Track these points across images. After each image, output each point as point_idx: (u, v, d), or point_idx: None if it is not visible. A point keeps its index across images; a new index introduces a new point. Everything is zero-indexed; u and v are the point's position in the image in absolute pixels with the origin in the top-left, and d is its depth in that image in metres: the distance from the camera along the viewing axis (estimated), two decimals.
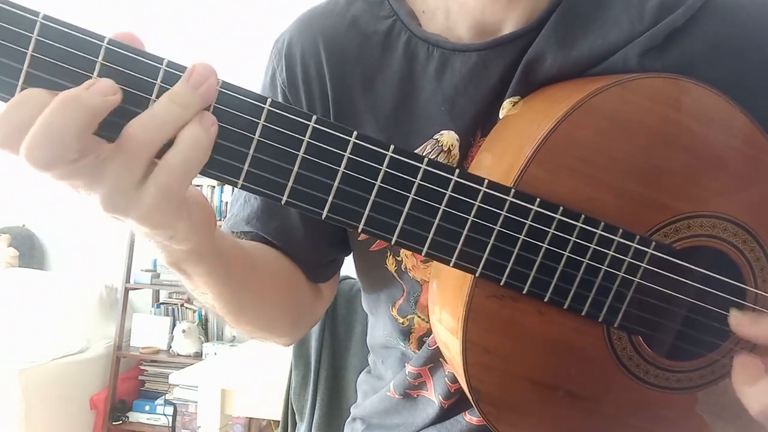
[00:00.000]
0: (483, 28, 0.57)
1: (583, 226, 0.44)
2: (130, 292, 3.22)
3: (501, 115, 0.55)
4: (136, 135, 0.35)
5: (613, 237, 0.45)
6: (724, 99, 0.48)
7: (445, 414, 0.62)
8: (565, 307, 0.46)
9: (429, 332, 0.62)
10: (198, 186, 3.21)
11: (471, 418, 0.60)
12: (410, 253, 0.59)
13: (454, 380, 0.60)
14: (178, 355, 3.07)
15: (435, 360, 0.61)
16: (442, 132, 0.57)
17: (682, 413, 0.51)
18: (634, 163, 0.46)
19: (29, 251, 3.42)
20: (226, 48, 3.13)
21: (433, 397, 0.62)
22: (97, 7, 3.22)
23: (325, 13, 0.62)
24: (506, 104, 0.54)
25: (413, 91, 0.57)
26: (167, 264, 0.46)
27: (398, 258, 0.61)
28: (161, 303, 3.32)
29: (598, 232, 0.45)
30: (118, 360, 3.12)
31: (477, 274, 0.44)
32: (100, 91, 0.35)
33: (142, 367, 3.26)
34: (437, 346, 0.59)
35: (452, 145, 0.56)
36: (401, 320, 0.63)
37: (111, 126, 0.36)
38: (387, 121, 0.58)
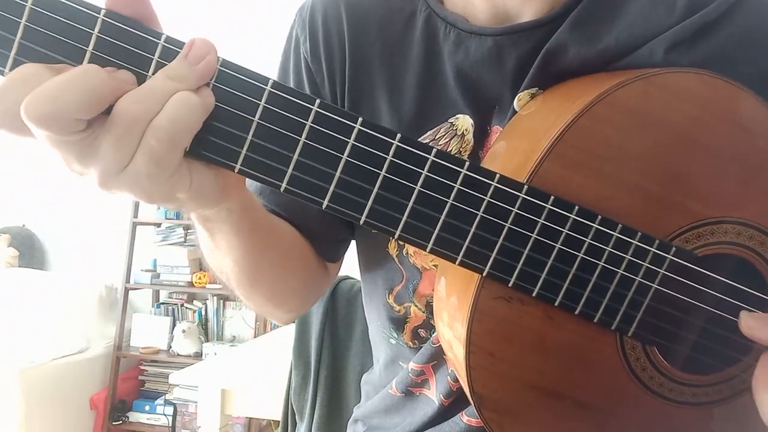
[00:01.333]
0: (501, 15, 0.55)
1: (600, 227, 0.42)
2: (130, 292, 3.22)
3: (517, 106, 0.53)
4: (128, 109, 0.34)
5: (631, 240, 0.42)
6: (753, 97, 0.45)
7: (443, 413, 0.61)
8: (576, 312, 0.44)
9: (425, 323, 0.61)
10: None
11: (469, 419, 0.59)
12: None
13: (457, 379, 0.59)
14: (178, 355, 3.06)
15: (438, 357, 0.60)
16: (457, 116, 0.56)
17: (696, 428, 0.48)
18: (656, 162, 0.44)
19: (29, 251, 3.42)
20: (227, 27, 3.13)
21: (433, 396, 0.62)
22: None
23: None
24: (524, 96, 0.53)
25: (430, 72, 0.57)
26: (194, 219, 0.46)
27: (399, 242, 0.59)
28: (161, 303, 3.32)
29: (615, 234, 0.42)
30: (118, 360, 3.11)
31: (484, 274, 0.42)
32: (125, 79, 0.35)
33: (142, 367, 3.26)
34: (441, 344, 0.58)
35: (466, 130, 0.55)
36: (397, 308, 0.62)
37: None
38: (401, 100, 0.58)
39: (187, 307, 3.27)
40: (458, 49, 0.55)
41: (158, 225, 3.23)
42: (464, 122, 0.56)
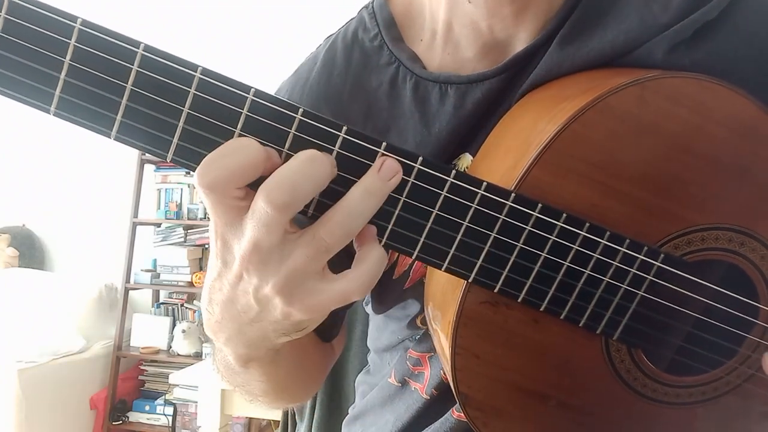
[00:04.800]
0: (492, 47, 0.54)
1: (587, 234, 0.41)
2: (130, 292, 3.22)
3: None
4: (336, 230, 0.36)
5: (619, 248, 0.42)
6: (752, 103, 0.44)
7: (432, 408, 0.61)
8: (561, 317, 0.44)
9: None
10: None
11: (459, 414, 0.58)
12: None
13: None
14: (178, 355, 3.06)
15: (435, 348, 0.59)
16: (459, 156, 0.55)
17: (679, 429, 0.49)
18: (649, 169, 0.43)
19: (29, 251, 3.42)
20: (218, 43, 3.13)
21: (423, 391, 0.62)
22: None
23: (326, 76, 0.59)
24: None
25: (430, 134, 0.55)
26: (231, 353, 0.47)
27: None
28: (161, 303, 3.32)
29: (603, 241, 0.42)
30: (118, 360, 3.11)
31: (470, 280, 0.42)
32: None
33: (142, 367, 3.26)
34: None
35: (467, 167, 0.55)
36: (425, 327, 0.61)
37: None
38: None
39: (187, 307, 3.27)
40: (464, 102, 0.53)
41: (158, 225, 3.23)
42: (465, 161, 0.55)
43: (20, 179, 3.56)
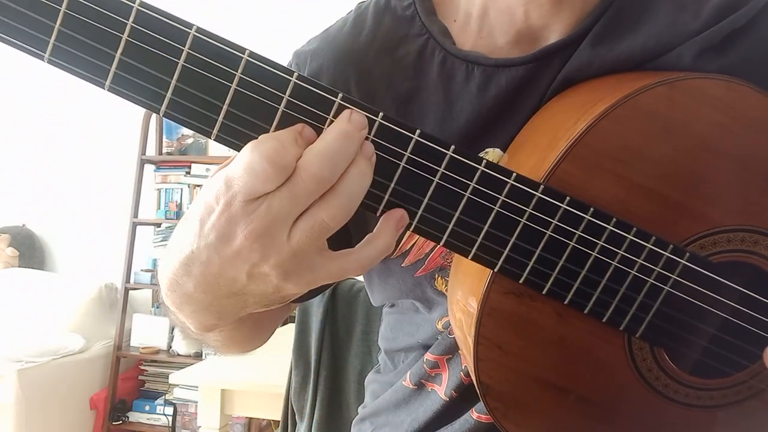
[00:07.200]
0: (525, 35, 0.54)
1: (614, 229, 0.42)
2: (130, 291, 3.22)
3: None
4: (337, 213, 0.36)
5: (645, 244, 0.42)
6: None
7: (450, 409, 0.61)
8: (585, 311, 0.44)
9: None
10: (199, 186, 3.22)
11: (479, 416, 0.59)
12: None
13: (468, 374, 0.58)
14: (178, 355, 3.06)
15: (453, 350, 0.60)
16: (487, 150, 0.54)
17: (698, 431, 0.49)
18: (675, 168, 0.44)
19: (29, 251, 3.42)
20: None
21: (442, 392, 0.61)
22: None
23: (353, 36, 0.59)
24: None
25: (452, 113, 0.55)
26: (219, 321, 0.45)
27: (447, 278, 0.58)
28: (161, 303, 3.31)
29: (629, 237, 0.42)
30: (118, 360, 3.11)
31: (496, 270, 0.42)
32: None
33: (142, 367, 3.25)
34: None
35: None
36: (447, 331, 0.61)
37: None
38: None
39: None
40: (488, 85, 0.54)
41: (158, 225, 3.23)
42: (494, 155, 0.54)
43: (20, 179, 3.56)
